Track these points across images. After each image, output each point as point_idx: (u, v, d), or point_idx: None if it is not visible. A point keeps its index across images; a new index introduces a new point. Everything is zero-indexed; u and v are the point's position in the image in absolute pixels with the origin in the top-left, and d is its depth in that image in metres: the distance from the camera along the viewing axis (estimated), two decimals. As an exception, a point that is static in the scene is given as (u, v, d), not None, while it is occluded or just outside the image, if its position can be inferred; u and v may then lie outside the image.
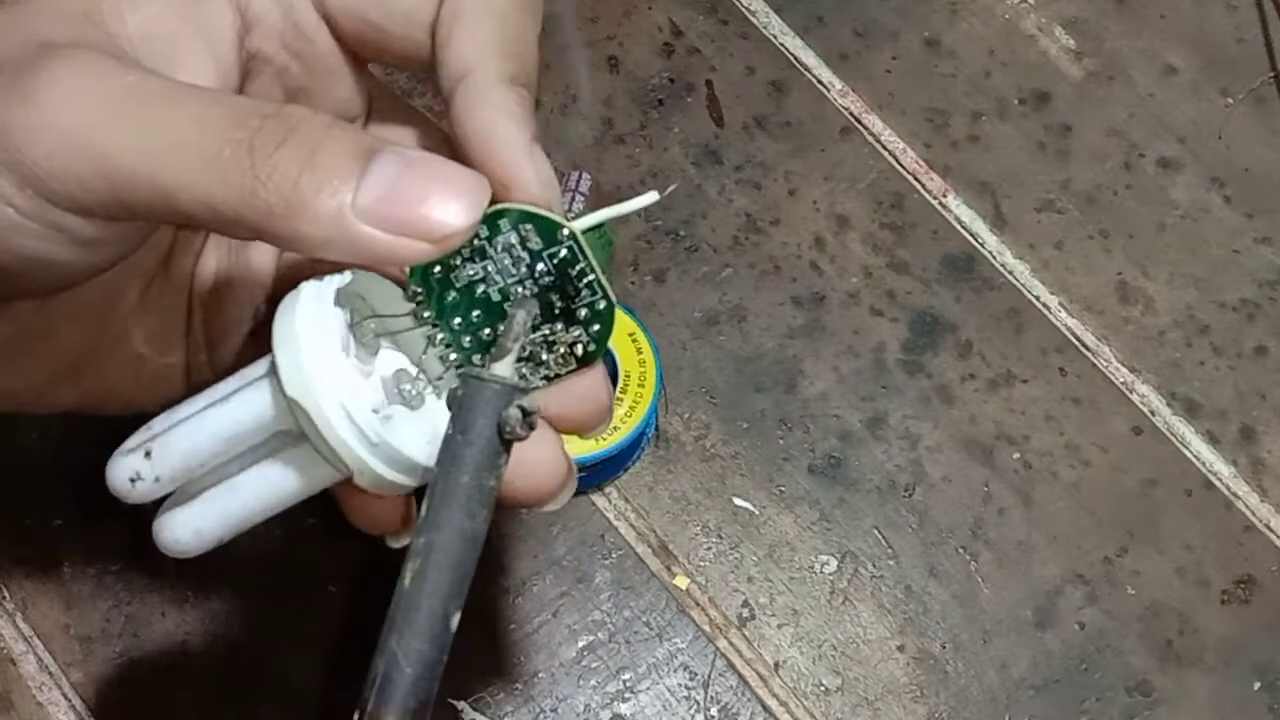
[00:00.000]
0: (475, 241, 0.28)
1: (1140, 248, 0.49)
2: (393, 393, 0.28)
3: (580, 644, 0.42)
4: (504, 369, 0.27)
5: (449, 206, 0.25)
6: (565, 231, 0.28)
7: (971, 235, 0.49)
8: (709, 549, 0.44)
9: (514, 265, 0.28)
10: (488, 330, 0.29)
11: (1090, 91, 0.51)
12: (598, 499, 0.44)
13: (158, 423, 0.29)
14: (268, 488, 0.28)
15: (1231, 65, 0.52)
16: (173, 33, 0.28)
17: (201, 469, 0.28)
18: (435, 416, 0.29)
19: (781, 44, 0.51)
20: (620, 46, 0.51)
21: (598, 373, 0.30)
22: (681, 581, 0.43)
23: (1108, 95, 0.51)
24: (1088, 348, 0.47)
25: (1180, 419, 0.46)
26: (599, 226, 0.29)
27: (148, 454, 0.28)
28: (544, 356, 0.29)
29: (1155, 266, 0.48)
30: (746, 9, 0.52)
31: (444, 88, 0.28)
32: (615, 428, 0.42)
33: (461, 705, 0.41)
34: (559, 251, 0.28)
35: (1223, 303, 0.48)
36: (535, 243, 0.28)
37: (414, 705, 0.24)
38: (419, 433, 0.28)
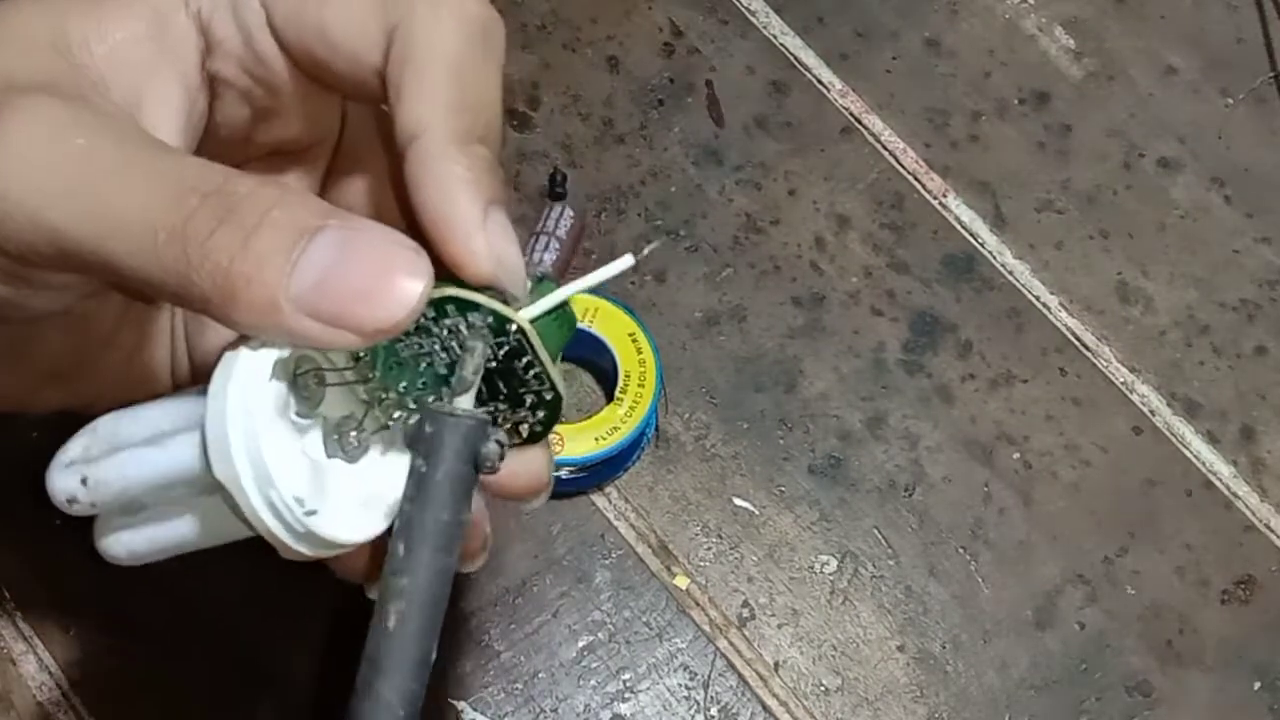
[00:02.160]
0: (421, 321, 0.27)
1: (1140, 248, 0.49)
2: (333, 443, 0.27)
3: (580, 644, 0.42)
4: (468, 403, 0.26)
5: (382, 301, 0.24)
6: (513, 326, 0.26)
7: (971, 235, 0.49)
8: (709, 549, 0.43)
9: (459, 348, 0.27)
10: (433, 397, 0.27)
11: (1090, 91, 0.51)
12: (598, 499, 0.44)
13: (102, 426, 0.28)
14: (199, 528, 0.28)
15: (1231, 65, 0.52)
16: (140, 61, 0.27)
17: (137, 501, 0.28)
18: (378, 469, 0.28)
19: (781, 44, 0.51)
20: (620, 46, 0.51)
21: (542, 448, 0.29)
22: (681, 581, 0.43)
23: (1108, 95, 0.51)
24: (1088, 348, 0.47)
25: (1180, 419, 0.46)
26: (559, 306, 0.27)
27: (84, 480, 0.27)
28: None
29: (1155, 266, 0.48)
30: (746, 9, 0.52)
31: (399, 147, 0.27)
32: (615, 428, 0.42)
33: (461, 705, 0.41)
34: (506, 342, 0.27)
35: (1223, 303, 0.48)
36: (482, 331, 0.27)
37: None
38: (356, 494, 0.27)
